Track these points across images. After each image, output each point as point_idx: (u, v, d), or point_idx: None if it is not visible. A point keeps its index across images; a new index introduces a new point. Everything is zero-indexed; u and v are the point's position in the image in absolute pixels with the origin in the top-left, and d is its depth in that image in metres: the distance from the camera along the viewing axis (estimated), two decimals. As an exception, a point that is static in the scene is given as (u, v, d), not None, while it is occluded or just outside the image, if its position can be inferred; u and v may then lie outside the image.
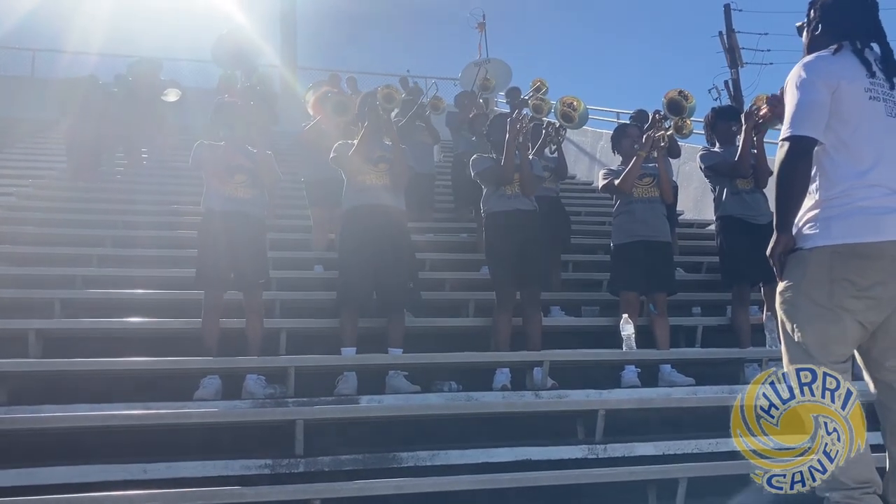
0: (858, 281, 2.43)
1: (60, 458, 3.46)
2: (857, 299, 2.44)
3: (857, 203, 2.47)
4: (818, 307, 2.48)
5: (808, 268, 2.51)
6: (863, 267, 2.43)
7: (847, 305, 2.45)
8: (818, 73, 2.57)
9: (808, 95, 2.54)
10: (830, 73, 2.56)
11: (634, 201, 5.45)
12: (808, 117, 2.53)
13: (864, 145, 2.52)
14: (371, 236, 4.91)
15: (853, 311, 2.45)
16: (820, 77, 2.56)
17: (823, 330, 2.49)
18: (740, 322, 5.41)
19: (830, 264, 2.46)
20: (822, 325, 2.49)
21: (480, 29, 11.97)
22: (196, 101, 10.63)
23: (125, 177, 9.80)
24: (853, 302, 2.44)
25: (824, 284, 2.46)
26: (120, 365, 4.42)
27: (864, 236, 2.44)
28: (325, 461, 3.59)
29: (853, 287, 2.43)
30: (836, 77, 2.55)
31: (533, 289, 5.15)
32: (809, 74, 2.57)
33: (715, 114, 5.88)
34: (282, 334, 4.96)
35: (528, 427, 4.25)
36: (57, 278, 5.79)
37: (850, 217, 2.47)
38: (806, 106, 2.54)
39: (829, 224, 2.49)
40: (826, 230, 2.49)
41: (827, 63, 2.60)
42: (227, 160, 4.80)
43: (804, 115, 2.53)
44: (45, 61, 16.68)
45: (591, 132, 12.53)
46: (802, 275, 2.52)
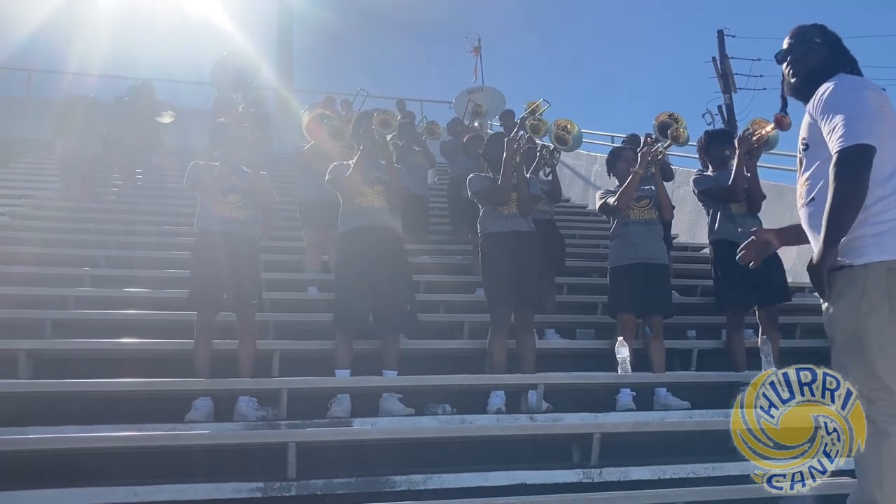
0: None
1: (49, 481, 3.42)
2: None
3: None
4: (890, 322, 2.38)
5: (868, 284, 2.41)
6: None
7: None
8: (866, 88, 2.55)
9: (864, 107, 2.49)
10: (875, 89, 2.55)
11: (631, 223, 5.45)
12: (868, 127, 2.45)
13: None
14: (368, 258, 4.89)
15: None
16: (869, 91, 2.54)
17: (892, 347, 2.37)
18: (735, 345, 5.39)
19: (888, 281, 2.39)
20: (890, 343, 2.38)
21: (476, 52, 12.08)
22: (193, 122, 10.67)
23: (119, 197, 9.80)
24: None
25: (886, 300, 2.38)
26: (110, 386, 4.38)
27: None
28: (318, 484, 3.55)
29: None
30: (879, 95, 2.54)
31: (526, 311, 5.13)
32: (859, 88, 2.55)
33: (708, 137, 5.91)
34: (275, 356, 4.93)
35: (522, 450, 4.21)
36: (49, 298, 5.76)
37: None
38: (864, 116, 2.47)
39: (880, 239, 2.43)
40: (878, 245, 2.43)
41: (867, 82, 2.60)
42: (221, 180, 4.80)
43: (864, 124, 2.45)
44: (42, 82, 16.73)
45: (586, 155, 12.59)
46: (861, 294, 2.42)
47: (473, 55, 11.95)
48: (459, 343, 5.67)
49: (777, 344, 5.22)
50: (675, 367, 5.59)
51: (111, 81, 15.09)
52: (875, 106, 2.50)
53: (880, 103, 2.52)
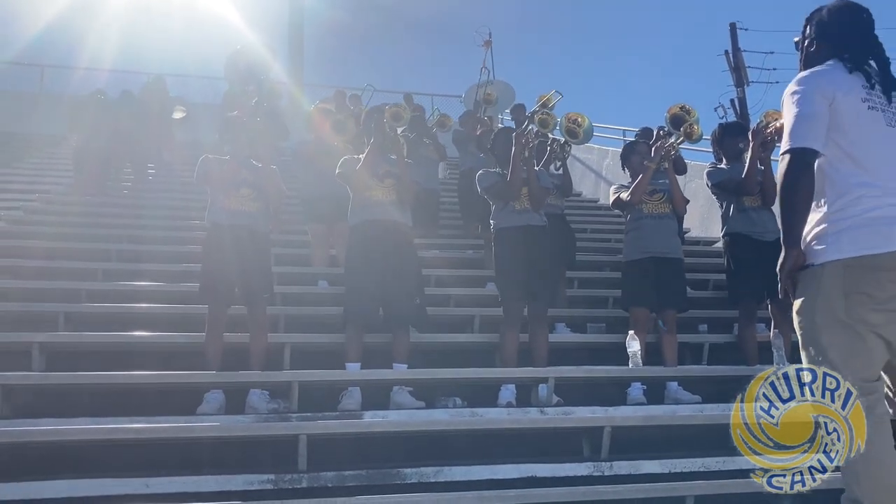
0: (876, 294, 2.38)
1: (62, 473, 3.44)
2: (877, 312, 2.39)
3: (865, 214, 2.44)
4: (837, 323, 2.42)
5: (822, 284, 2.45)
6: (878, 279, 2.38)
7: (867, 319, 2.39)
8: (814, 86, 2.56)
9: (806, 108, 2.52)
10: (826, 85, 2.55)
11: (645, 217, 5.43)
12: (807, 129, 2.51)
13: (868, 155, 2.49)
14: (378, 251, 4.90)
15: (874, 325, 2.40)
16: (816, 89, 2.54)
17: (845, 346, 2.42)
18: (747, 339, 5.37)
19: (844, 279, 2.41)
20: (843, 342, 2.42)
21: (486, 47, 12.03)
22: (204, 116, 10.70)
23: (131, 192, 9.85)
24: (873, 315, 2.39)
25: (840, 300, 2.41)
26: (122, 379, 4.40)
27: (876, 247, 2.40)
28: (329, 476, 3.57)
29: (871, 300, 2.38)
30: (832, 89, 2.53)
31: (540, 305, 5.13)
32: (805, 87, 2.57)
33: (722, 130, 5.87)
34: (286, 349, 4.94)
35: (533, 444, 4.21)
36: (62, 292, 5.79)
37: (860, 229, 2.43)
38: (804, 118, 2.52)
39: (838, 237, 2.46)
40: (836, 244, 2.45)
41: (822, 76, 2.59)
42: (232, 174, 4.81)
43: (803, 127, 2.51)
44: (54, 77, 16.81)
45: (598, 149, 12.54)
46: (817, 292, 2.47)
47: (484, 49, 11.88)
48: (470, 337, 5.66)
49: (789, 338, 5.19)
50: (687, 362, 5.56)
51: (122, 76, 15.13)
52: (822, 107, 2.51)
53: (830, 100, 2.52)
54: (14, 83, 16.57)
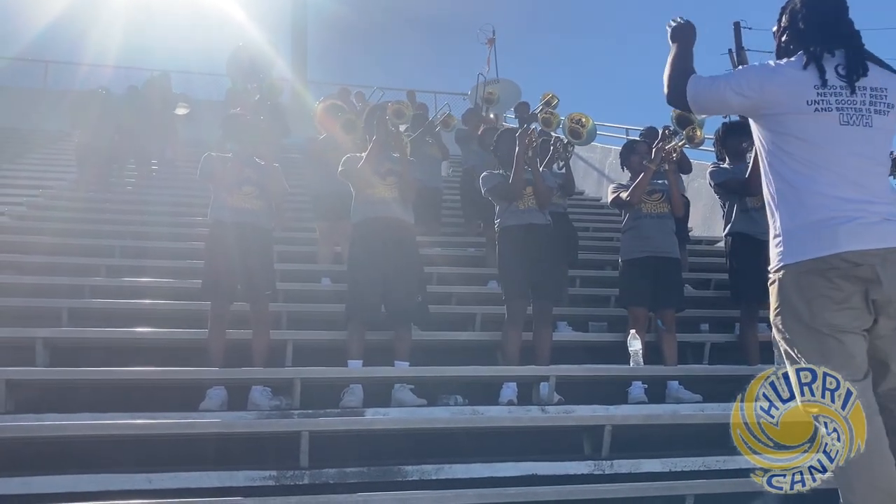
0: (833, 295, 2.37)
1: (65, 468, 3.45)
2: (839, 312, 2.37)
3: (811, 217, 2.43)
4: (806, 330, 2.41)
5: (784, 292, 2.45)
6: (831, 281, 2.37)
7: (832, 322, 2.38)
8: (747, 76, 2.59)
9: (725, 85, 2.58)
10: (763, 82, 2.55)
11: (643, 217, 5.44)
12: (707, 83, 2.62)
13: (814, 159, 2.47)
14: (380, 249, 4.91)
15: (841, 326, 2.38)
16: (746, 79, 2.57)
17: (818, 351, 2.40)
18: (748, 339, 5.37)
19: (799, 284, 2.41)
20: (815, 347, 2.41)
21: (490, 44, 12.03)
22: (207, 113, 10.71)
23: (135, 188, 9.87)
24: (837, 316, 2.38)
25: (803, 306, 2.40)
26: (125, 375, 4.42)
27: (821, 250, 2.39)
28: (331, 473, 3.58)
29: (831, 302, 2.37)
30: (774, 89, 2.53)
31: (545, 303, 5.14)
32: (749, 72, 2.61)
33: (725, 129, 5.85)
34: (288, 346, 4.96)
35: (533, 442, 4.22)
36: (65, 288, 5.81)
37: (806, 232, 2.42)
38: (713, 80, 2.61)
39: (790, 242, 2.46)
40: (789, 248, 2.45)
41: (766, 70, 2.59)
42: (235, 172, 4.82)
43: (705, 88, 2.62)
44: (59, 73, 16.84)
45: (600, 148, 12.53)
46: (782, 301, 2.47)
47: (487, 47, 11.90)
48: (471, 335, 5.67)
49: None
50: (688, 361, 5.57)
51: (126, 73, 15.16)
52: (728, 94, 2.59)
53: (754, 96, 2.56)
54: (18, 79, 16.61)
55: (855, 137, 2.47)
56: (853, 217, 2.40)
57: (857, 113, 2.49)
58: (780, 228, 2.51)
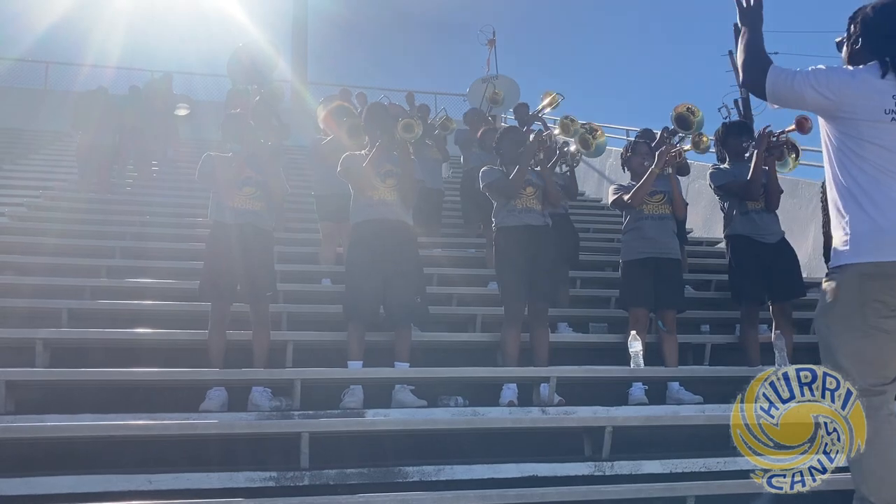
0: (890, 301, 2.39)
1: (65, 468, 3.45)
2: (890, 319, 2.40)
3: (882, 222, 2.44)
4: (853, 330, 2.43)
5: (840, 292, 2.47)
6: (892, 287, 2.39)
7: (883, 326, 2.40)
8: (827, 75, 2.55)
9: (803, 83, 2.55)
10: (841, 85, 2.53)
11: (644, 218, 5.43)
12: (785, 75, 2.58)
13: (890, 166, 2.48)
14: (379, 251, 4.89)
15: (889, 332, 2.41)
16: (824, 79, 2.54)
17: (858, 352, 2.43)
18: (749, 340, 5.37)
19: (860, 285, 2.43)
20: (857, 348, 2.43)
21: (491, 45, 12.03)
22: (208, 114, 10.73)
23: (136, 188, 9.88)
24: (887, 322, 2.40)
25: (856, 306, 2.43)
26: (126, 375, 4.42)
27: (890, 255, 2.40)
28: (331, 474, 3.58)
29: (886, 307, 2.39)
30: (851, 93, 2.51)
31: (541, 304, 5.13)
32: (828, 73, 2.56)
33: (726, 129, 5.85)
34: (288, 347, 4.96)
35: (534, 443, 4.22)
36: (66, 289, 5.81)
37: (877, 235, 2.44)
38: (791, 73, 2.58)
39: (857, 242, 2.47)
40: (855, 248, 2.47)
41: (847, 76, 2.57)
42: (235, 172, 4.82)
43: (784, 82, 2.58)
44: (59, 74, 16.87)
45: (601, 149, 12.51)
46: (835, 299, 2.48)
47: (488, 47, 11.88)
48: (472, 336, 5.67)
49: (791, 339, 5.20)
50: (689, 362, 5.57)
51: (127, 73, 15.18)
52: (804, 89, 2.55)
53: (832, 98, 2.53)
54: (19, 80, 16.64)
55: None
56: None
57: None
58: (848, 229, 2.51)
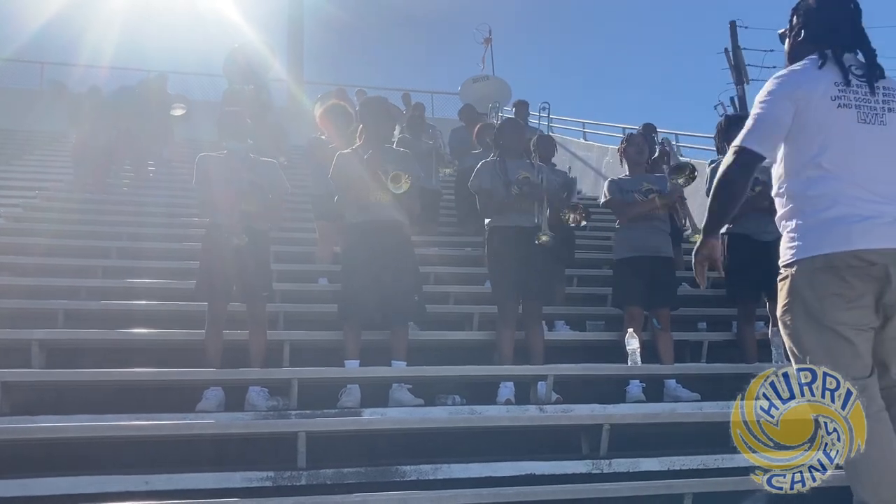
0: (846, 293, 2.38)
1: (61, 469, 3.43)
2: (850, 311, 2.39)
3: (825, 214, 2.44)
4: (817, 325, 2.42)
5: (796, 288, 2.46)
6: (843, 279, 2.38)
7: (844, 319, 2.39)
8: (785, 90, 2.55)
9: (770, 112, 2.54)
10: (796, 89, 2.53)
11: (637, 216, 5.44)
12: (763, 135, 2.54)
13: (832, 155, 2.48)
14: (375, 250, 4.86)
15: (852, 324, 2.39)
16: (785, 94, 2.54)
17: (826, 347, 2.41)
18: (746, 337, 5.37)
19: (812, 280, 2.42)
20: (824, 343, 2.42)
21: (486, 44, 12.06)
22: (204, 114, 10.70)
23: (131, 189, 9.85)
24: (848, 314, 2.39)
25: (815, 301, 2.42)
26: (122, 376, 4.41)
27: (837, 247, 2.39)
28: (328, 474, 3.56)
29: (843, 300, 2.38)
30: (803, 92, 2.52)
31: (534, 303, 5.13)
32: (776, 90, 2.56)
33: (728, 122, 5.80)
34: (285, 346, 4.95)
35: (531, 441, 4.21)
36: (61, 289, 5.80)
37: (821, 228, 2.43)
38: (765, 122, 2.54)
39: (804, 238, 2.47)
40: (803, 245, 2.46)
41: (795, 77, 2.57)
42: (231, 172, 4.79)
43: (761, 131, 2.54)
44: (54, 74, 16.80)
45: (597, 147, 12.55)
46: (794, 294, 2.47)
47: (484, 46, 11.91)
48: (469, 334, 5.67)
49: (787, 336, 5.19)
50: (686, 359, 5.57)
51: (122, 73, 15.15)
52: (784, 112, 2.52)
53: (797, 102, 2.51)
54: (14, 80, 16.60)
55: (871, 136, 2.49)
56: (867, 216, 2.42)
57: (873, 112, 2.51)
58: (793, 225, 2.51)
